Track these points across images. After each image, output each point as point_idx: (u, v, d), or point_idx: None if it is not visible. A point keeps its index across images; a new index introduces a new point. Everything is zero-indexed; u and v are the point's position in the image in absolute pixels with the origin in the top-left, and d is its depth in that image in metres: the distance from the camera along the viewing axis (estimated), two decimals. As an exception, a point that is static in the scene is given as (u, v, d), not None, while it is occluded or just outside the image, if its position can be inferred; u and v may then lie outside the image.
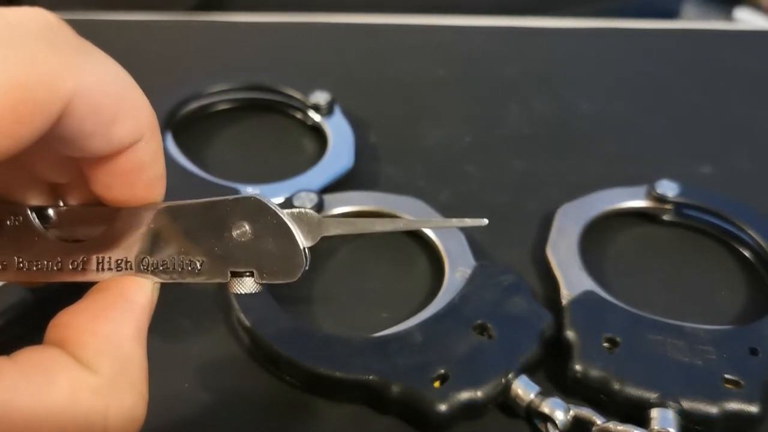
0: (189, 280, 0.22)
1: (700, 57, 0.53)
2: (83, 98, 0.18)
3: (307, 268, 0.22)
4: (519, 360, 0.29)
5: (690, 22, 0.81)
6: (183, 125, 0.43)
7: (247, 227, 0.21)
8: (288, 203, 0.35)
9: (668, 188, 0.37)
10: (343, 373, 0.29)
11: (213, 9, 0.59)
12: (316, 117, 0.43)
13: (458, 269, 0.33)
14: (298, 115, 0.45)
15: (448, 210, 0.36)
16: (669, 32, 0.57)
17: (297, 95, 0.44)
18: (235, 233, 0.21)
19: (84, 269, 0.22)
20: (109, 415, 0.19)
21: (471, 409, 0.28)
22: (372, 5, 0.58)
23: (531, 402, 0.28)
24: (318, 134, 0.43)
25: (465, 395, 0.28)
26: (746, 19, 1.18)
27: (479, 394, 0.28)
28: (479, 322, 0.31)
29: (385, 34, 0.55)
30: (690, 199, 0.37)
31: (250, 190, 0.37)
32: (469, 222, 0.23)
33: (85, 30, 0.20)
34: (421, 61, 0.51)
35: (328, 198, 0.36)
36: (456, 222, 0.24)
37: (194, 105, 0.44)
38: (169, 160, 0.39)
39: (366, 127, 0.44)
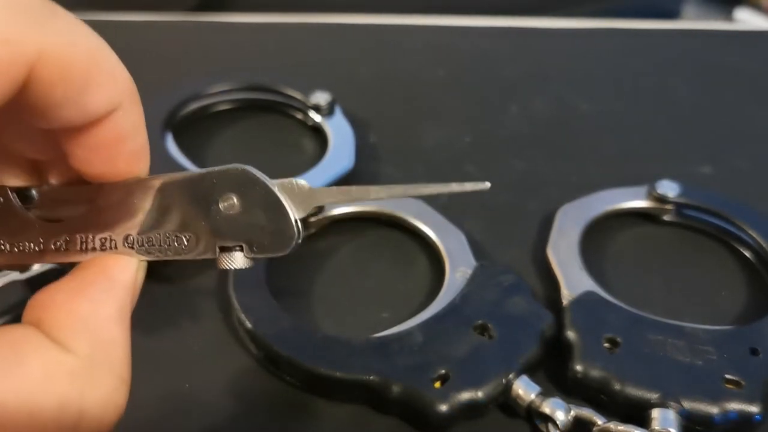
0: (176, 257, 0.21)
1: (700, 57, 0.53)
2: (50, 61, 0.18)
3: (299, 241, 0.21)
4: (519, 360, 0.29)
5: (690, 22, 0.81)
6: (183, 126, 0.43)
7: (235, 199, 0.21)
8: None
9: (669, 188, 0.37)
10: (344, 373, 0.29)
11: (213, 9, 0.59)
12: (316, 117, 0.43)
13: (459, 269, 0.33)
14: (299, 116, 0.45)
15: (448, 210, 0.36)
16: (669, 32, 0.57)
17: (297, 95, 0.44)
18: (222, 206, 0.21)
19: (67, 249, 0.21)
20: (84, 398, 0.18)
21: (471, 410, 0.28)
22: (372, 5, 0.58)
23: (532, 402, 0.28)
24: (318, 135, 0.43)
25: (465, 395, 0.28)
26: (746, 19, 1.18)
27: (480, 394, 0.28)
28: (480, 322, 0.31)
29: (385, 34, 0.55)
30: (690, 199, 0.37)
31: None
32: (469, 186, 0.23)
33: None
34: (421, 61, 0.51)
35: (328, 198, 0.36)
36: (456, 187, 0.23)
37: (194, 105, 0.44)
38: (170, 161, 0.39)
39: (366, 127, 0.44)
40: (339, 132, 0.42)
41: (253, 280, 0.32)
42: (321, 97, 0.43)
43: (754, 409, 0.28)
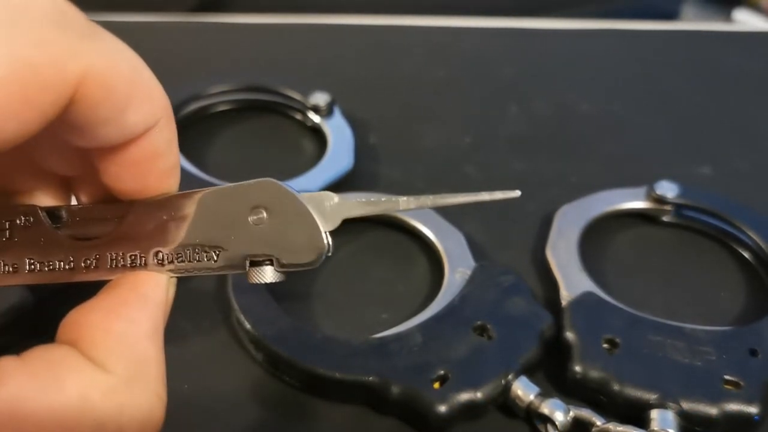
0: (206, 272, 0.21)
1: (700, 57, 0.53)
2: (95, 81, 0.18)
3: (329, 253, 0.21)
4: (519, 361, 0.29)
5: (689, 23, 0.81)
6: (183, 126, 0.42)
7: (264, 213, 0.21)
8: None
9: (668, 189, 0.37)
10: (343, 374, 0.29)
11: (213, 10, 0.59)
12: (315, 118, 0.43)
13: (458, 270, 0.33)
14: (298, 116, 0.45)
15: (448, 211, 0.36)
16: (669, 33, 0.57)
17: (297, 96, 0.44)
18: (252, 220, 0.21)
19: (97, 267, 0.21)
20: (123, 417, 0.18)
21: (471, 410, 0.28)
22: (372, 5, 0.58)
23: (531, 403, 0.28)
24: (318, 135, 0.43)
25: (465, 396, 0.28)
26: (745, 20, 1.18)
27: (479, 395, 0.28)
28: (479, 322, 0.31)
29: (385, 35, 0.55)
30: (690, 200, 0.37)
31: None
32: (499, 195, 0.22)
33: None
34: (421, 62, 0.51)
35: (327, 199, 0.36)
36: (486, 195, 0.22)
37: (194, 106, 0.44)
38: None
39: (366, 128, 0.44)
40: (338, 133, 0.42)
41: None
42: (320, 98, 0.43)
43: (753, 409, 0.28)
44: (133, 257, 0.21)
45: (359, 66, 0.51)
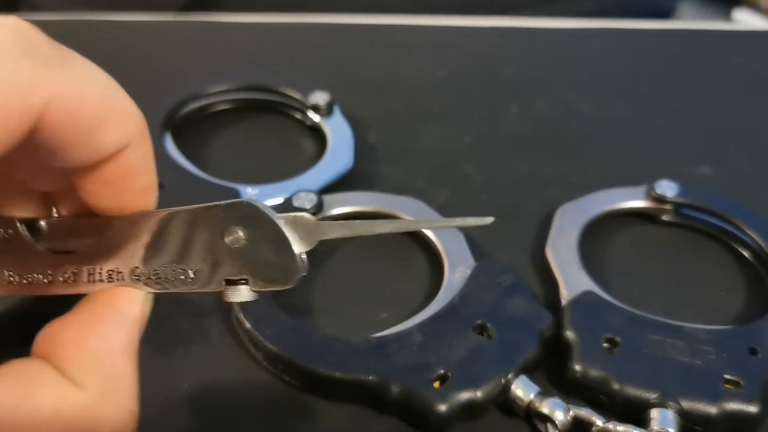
0: (182, 289, 0.21)
1: (700, 57, 0.53)
2: (59, 108, 0.18)
3: (304, 274, 0.21)
4: (518, 360, 0.29)
5: (689, 22, 0.81)
6: (182, 126, 0.43)
7: (241, 233, 0.21)
8: (287, 204, 0.35)
9: (667, 188, 0.37)
10: (343, 373, 0.29)
11: (211, 9, 0.59)
12: (315, 117, 0.43)
13: (458, 269, 0.33)
14: (298, 116, 0.45)
15: (447, 211, 0.36)
16: (668, 32, 0.57)
17: (296, 95, 0.44)
18: (228, 239, 0.21)
19: (75, 281, 0.22)
20: None
21: (471, 410, 0.28)
22: (372, 5, 0.58)
23: (531, 402, 0.28)
24: (317, 134, 0.43)
25: (465, 395, 0.28)
26: (745, 19, 1.18)
27: (479, 394, 0.28)
28: (479, 322, 0.31)
29: (385, 34, 0.55)
30: (689, 199, 0.37)
31: (249, 190, 0.37)
32: (471, 221, 0.23)
33: (84, 30, 0.20)
34: (421, 61, 0.51)
35: (327, 198, 0.36)
36: (458, 221, 0.23)
37: (193, 105, 0.44)
38: (169, 161, 0.39)
39: (365, 127, 0.44)
40: (338, 132, 0.42)
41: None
42: (320, 97, 0.43)
43: (752, 409, 0.28)
44: (110, 272, 0.21)
45: (359, 66, 0.51)
